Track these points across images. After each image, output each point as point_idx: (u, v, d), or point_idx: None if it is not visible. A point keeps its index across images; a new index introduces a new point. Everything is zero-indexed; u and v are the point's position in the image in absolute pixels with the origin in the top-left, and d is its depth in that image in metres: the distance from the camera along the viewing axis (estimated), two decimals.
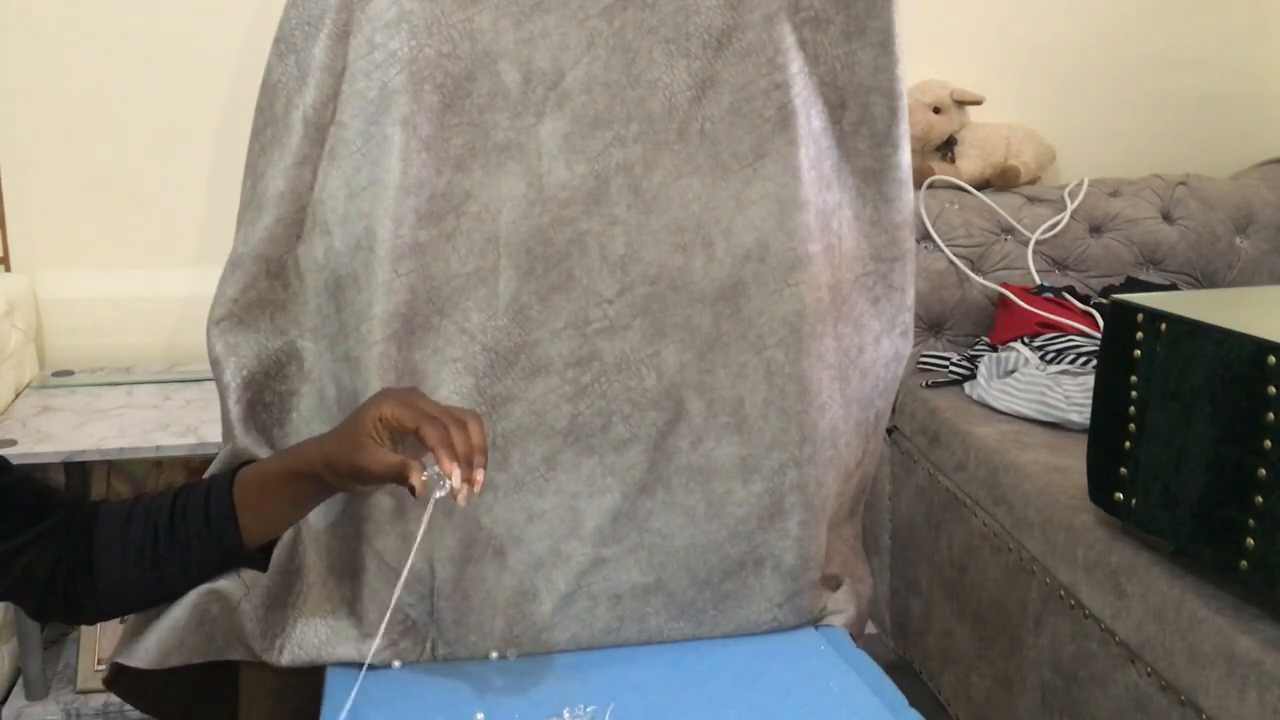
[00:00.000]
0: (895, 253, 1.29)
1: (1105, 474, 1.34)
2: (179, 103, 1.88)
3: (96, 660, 1.77)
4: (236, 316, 1.13)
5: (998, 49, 2.22)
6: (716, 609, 1.24)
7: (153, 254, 1.93)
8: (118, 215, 1.91)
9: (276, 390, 1.16)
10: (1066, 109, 2.26)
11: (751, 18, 1.17)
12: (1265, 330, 1.15)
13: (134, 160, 1.89)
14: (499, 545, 1.19)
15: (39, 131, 1.86)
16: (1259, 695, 1.13)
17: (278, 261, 1.14)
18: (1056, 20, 2.23)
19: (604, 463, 1.20)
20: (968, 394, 1.87)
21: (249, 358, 1.13)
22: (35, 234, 1.90)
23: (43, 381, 1.86)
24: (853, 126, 1.25)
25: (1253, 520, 1.14)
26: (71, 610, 1.02)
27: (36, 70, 1.84)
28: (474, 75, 1.13)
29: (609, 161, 1.17)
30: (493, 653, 1.19)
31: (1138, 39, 2.27)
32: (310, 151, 1.13)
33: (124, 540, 1.01)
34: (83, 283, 1.93)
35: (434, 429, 0.94)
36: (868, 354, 1.30)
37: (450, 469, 0.93)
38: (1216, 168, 2.28)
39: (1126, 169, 2.23)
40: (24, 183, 1.87)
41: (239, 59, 1.83)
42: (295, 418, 1.18)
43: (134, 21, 1.85)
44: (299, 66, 1.12)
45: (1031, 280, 2.03)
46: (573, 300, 1.18)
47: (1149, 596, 1.29)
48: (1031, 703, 1.53)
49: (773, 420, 1.21)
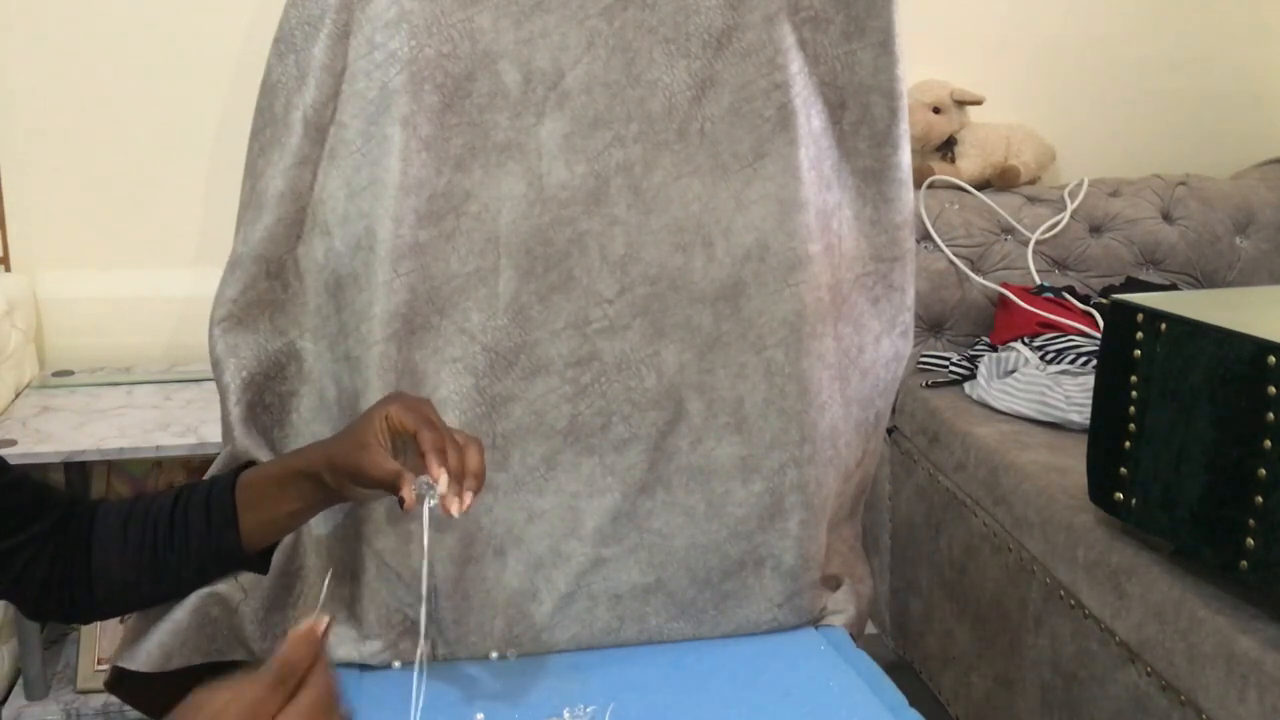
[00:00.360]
0: (895, 253, 1.29)
1: (1105, 474, 1.34)
2: (179, 103, 1.88)
3: (96, 660, 1.77)
4: (236, 317, 1.13)
5: (998, 49, 2.22)
6: (716, 609, 1.24)
7: (153, 254, 1.93)
8: (118, 215, 1.91)
9: (276, 391, 1.16)
10: (1066, 109, 2.26)
11: (751, 18, 1.17)
12: (1265, 330, 1.15)
13: (134, 160, 1.89)
14: (499, 545, 1.19)
15: (39, 131, 1.86)
16: (1259, 695, 1.13)
17: (277, 262, 1.14)
18: (1056, 20, 2.23)
19: (604, 463, 1.20)
20: (968, 394, 1.87)
21: (249, 359, 1.13)
22: (35, 234, 1.90)
23: (43, 381, 1.86)
24: (853, 126, 1.25)
25: (1253, 520, 1.14)
26: (69, 610, 1.02)
27: (36, 70, 1.84)
28: (474, 75, 1.13)
29: (609, 161, 1.17)
30: (493, 653, 1.19)
31: (1138, 39, 2.27)
32: (310, 151, 1.13)
33: (123, 540, 1.01)
34: (83, 283, 1.92)
35: (431, 434, 0.94)
36: (868, 354, 1.30)
37: (437, 474, 0.92)
38: (1216, 168, 2.28)
39: (1126, 169, 2.23)
40: (24, 183, 1.87)
41: (239, 59, 1.83)
42: (295, 419, 1.18)
43: (134, 21, 1.85)
44: (299, 66, 1.12)
45: (1031, 280, 2.03)
46: (573, 300, 1.18)
47: (1149, 596, 1.29)
48: (1031, 703, 1.53)
49: (773, 420, 1.21)
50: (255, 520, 1.02)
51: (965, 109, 2.15)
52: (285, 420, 1.17)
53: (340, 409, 1.16)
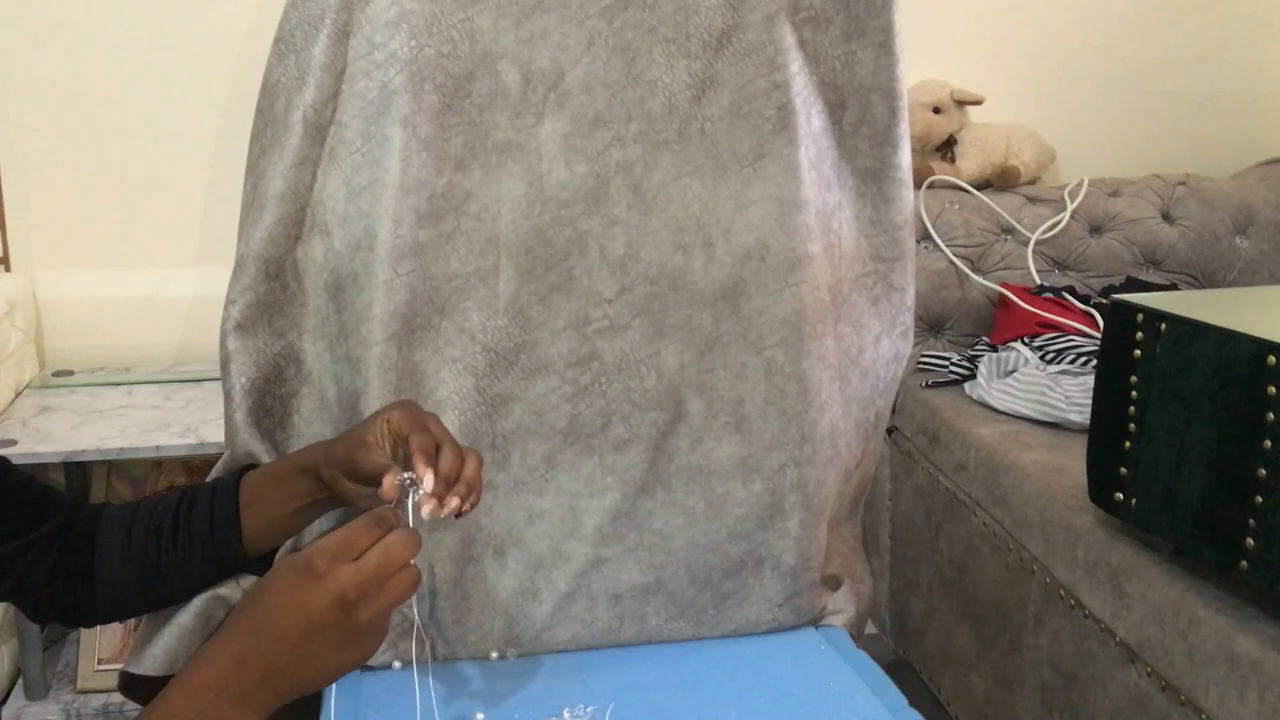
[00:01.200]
0: (895, 253, 1.29)
1: (1105, 474, 1.34)
2: (179, 103, 1.88)
3: (97, 661, 1.77)
4: (241, 320, 1.13)
5: (998, 49, 2.22)
6: (716, 609, 1.24)
7: (153, 254, 1.93)
8: (118, 215, 1.91)
9: (277, 394, 1.16)
10: (1066, 109, 2.26)
11: (751, 18, 1.17)
12: (1265, 330, 1.15)
13: (134, 160, 1.89)
14: (499, 545, 1.19)
15: (39, 131, 1.86)
16: (1259, 695, 1.13)
17: (276, 263, 1.14)
18: (1056, 20, 2.23)
19: (604, 462, 1.20)
20: (968, 394, 1.87)
21: (248, 364, 1.13)
22: (35, 234, 1.90)
23: (43, 381, 1.86)
24: (853, 126, 1.25)
25: (1253, 520, 1.14)
26: (71, 613, 1.02)
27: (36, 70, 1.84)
28: (474, 75, 1.13)
29: (609, 161, 1.17)
30: (493, 653, 1.19)
31: (1138, 39, 2.27)
32: (310, 152, 1.13)
33: (126, 544, 1.01)
34: (83, 283, 1.92)
35: (422, 438, 0.93)
36: (868, 354, 1.30)
37: (423, 472, 0.90)
38: (1216, 168, 2.28)
39: (1126, 169, 2.23)
40: (24, 183, 1.87)
41: (240, 59, 1.83)
42: (297, 420, 1.18)
43: (135, 21, 1.85)
44: (299, 67, 1.12)
45: (1031, 280, 2.03)
46: (573, 300, 1.18)
47: (1149, 596, 1.29)
48: (1031, 703, 1.53)
49: (773, 420, 1.21)
50: (255, 521, 1.02)
51: (965, 109, 2.15)
52: (287, 422, 1.17)
53: (341, 410, 1.16)
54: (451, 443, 0.94)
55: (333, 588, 0.76)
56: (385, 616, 0.80)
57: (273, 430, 1.16)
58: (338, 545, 0.78)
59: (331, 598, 0.76)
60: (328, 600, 0.76)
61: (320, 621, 0.76)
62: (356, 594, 0.76)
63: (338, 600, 0.76)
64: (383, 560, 0.78)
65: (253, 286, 1.13)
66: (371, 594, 0.77)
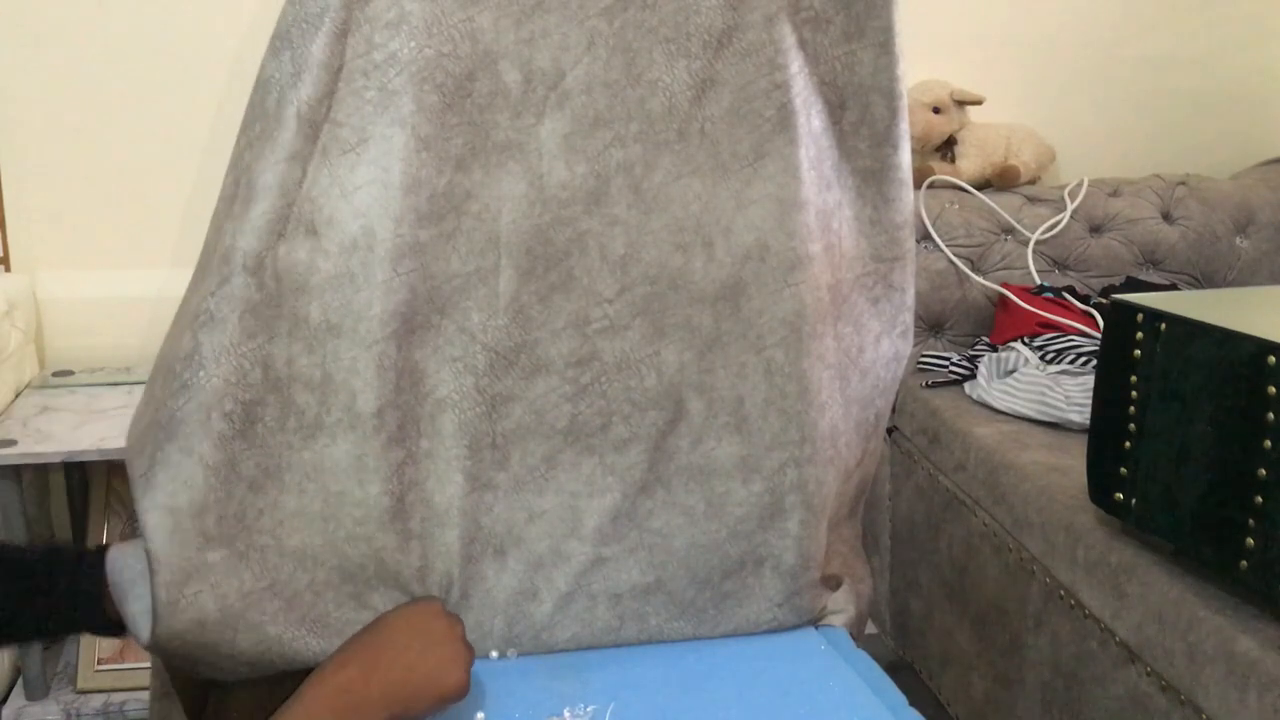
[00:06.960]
0: (895, 253, 1.29)
1: (1105, 474, 1.34)
2: (180, 103, 1.88)
3: (96, 660, 1.77)
4: (213, 312, 1.09)
5: (998, 49, 2.22)
6: (716, 609, 1.24)
7: (153, 254, 1.93)
8: (118, 215, 1.91)
9: (239, 399, 1.10)
10: (1066, 109, 2.26)
11: (752, 18, 1.17)
12: (1265, 330, 1.15)
13: (134, 161, 1.89)
14: (499, 545, 1.19)
15: (39, 131, 1.86)
16: (1259, 695, 1.13)
17: (256, 258, 1.10)
18: (1056, 20, 2.23)
19: (604, 462, 1.20)
20: (968, 394, 1.87)
21: (209, 359, 1.08)
22: (35, 234, 1.90)
23: (43, 381, 1.86)
24: (853, 126, 1.25)
25: (1253, 520, 1.14)
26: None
27: (37, 71, 1.84)
28: (474, 75, 1.13)
29: (609, 161, 1.17)
30: (493, 652, 1.19)
31: (1138, 39, 2.27)
32: (302, 148, 1.11)
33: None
34: (83, 283, 1.93)
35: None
36: (868, 354, 1.30)
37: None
38: (1216, 168, 2.28)
39: (1126, 169, 2.23)
40: (24, 183, 1.88)
41: (240, 60, 1.83)
42: (260, 430, 1.12)
43: (135, 22, 1.85)
44: (294, 63, 1.11)
45: (1031, 280, 2.03)
46: (573, 300, 1.18)
47: (1149, 596, 1.29)
48: (1031, 703, 1.53)
49: (773, 420, 1.21)
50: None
51: (965, 109, 2.16)
52: (249, 431, 1.11)
53: (314, 420, 1.11)
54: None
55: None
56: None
57: (231, 438, 1.10)
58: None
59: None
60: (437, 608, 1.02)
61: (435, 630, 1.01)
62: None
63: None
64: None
65: (229, 280, 1.09)
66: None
